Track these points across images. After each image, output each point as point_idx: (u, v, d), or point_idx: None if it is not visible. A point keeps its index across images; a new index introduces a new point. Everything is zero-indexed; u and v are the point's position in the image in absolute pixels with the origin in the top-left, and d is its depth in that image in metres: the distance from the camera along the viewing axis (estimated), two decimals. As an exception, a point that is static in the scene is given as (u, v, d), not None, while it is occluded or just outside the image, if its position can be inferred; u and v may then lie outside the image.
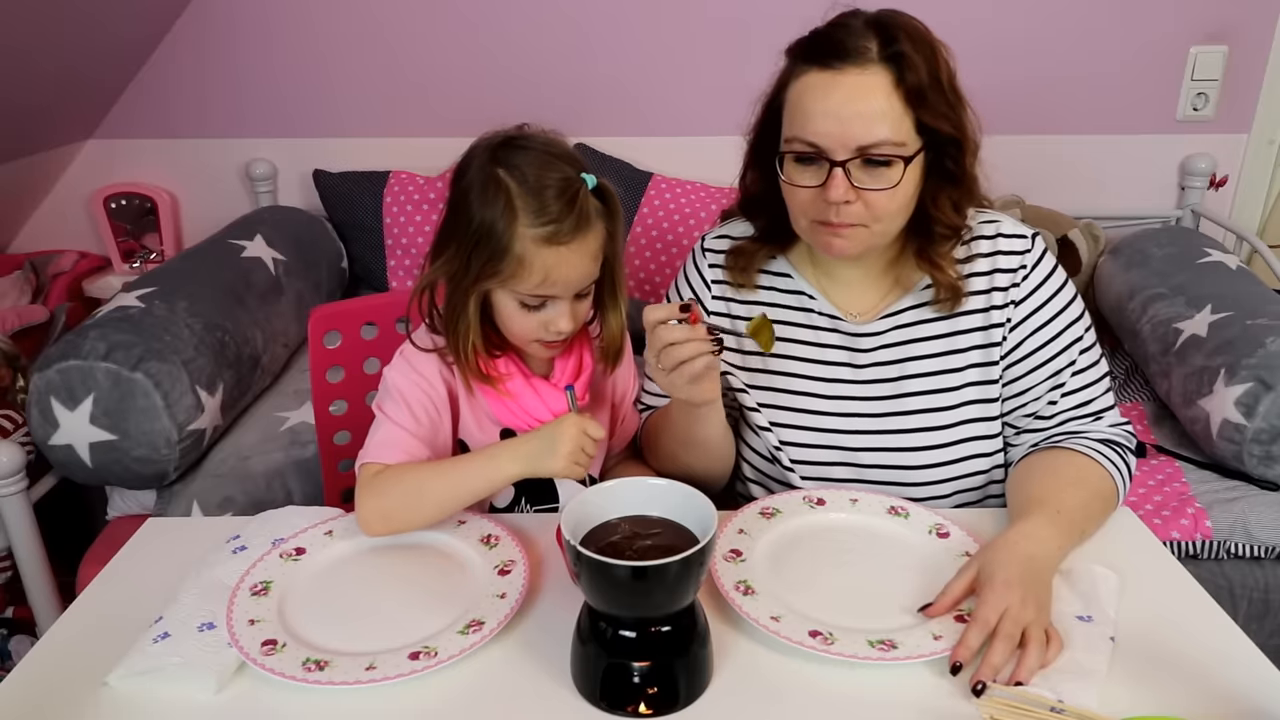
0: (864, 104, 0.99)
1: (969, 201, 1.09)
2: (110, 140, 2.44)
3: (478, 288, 1.02)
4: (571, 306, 1.03)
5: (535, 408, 1.11)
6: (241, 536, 1.03)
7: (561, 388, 1.11)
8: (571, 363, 1.14)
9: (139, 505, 1.75)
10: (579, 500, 0.83)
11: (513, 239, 0.98)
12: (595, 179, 1.01)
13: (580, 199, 0.99)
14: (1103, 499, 1.05)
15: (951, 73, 1.03)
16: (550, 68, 2.36)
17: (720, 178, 2.32)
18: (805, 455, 1.17)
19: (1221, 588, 1.60)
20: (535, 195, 0.97)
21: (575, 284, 1.02)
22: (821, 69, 1.00)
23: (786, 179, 1.05)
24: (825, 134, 1.00)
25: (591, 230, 1.00)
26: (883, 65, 0.99)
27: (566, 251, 0.98)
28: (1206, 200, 2.45)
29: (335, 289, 2.33)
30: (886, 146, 0.99)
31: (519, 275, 0.99)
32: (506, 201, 0.98)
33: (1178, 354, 1.83)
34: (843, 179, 1.00)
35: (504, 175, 0.98)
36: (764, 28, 2.32)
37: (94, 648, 0.87)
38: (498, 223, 0.98)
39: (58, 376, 1.55)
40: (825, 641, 0.85)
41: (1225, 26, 2.30)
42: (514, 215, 0.97)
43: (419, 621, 0.89)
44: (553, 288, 1.01)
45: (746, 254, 1.17)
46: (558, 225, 0.97)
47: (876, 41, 0.99)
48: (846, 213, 1.03)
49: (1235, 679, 0.82)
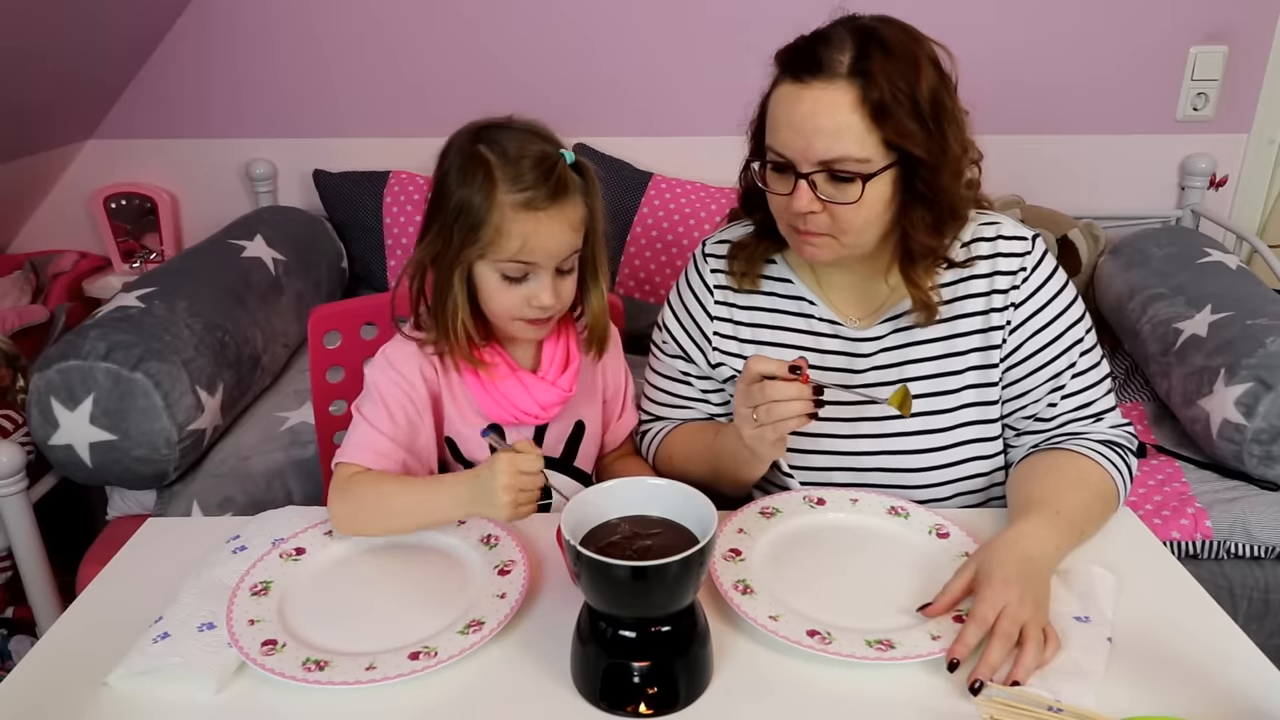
0: (825, 118, 0.98)
1: (950, 221, 1.07)
2: (110, 140, 2.45)
3: (461, 262, 1.03)
4: (554, 280, 1.04)
5: (521, 399, 1.11)
6: (241, 536, 1.03)
7: (551, 380, 1.11)
8: (559, 354, 1.15)
9: (139, 505, 1.75)
10: (579, 500, 0.83)
11: (491, 207, 1.00)
12: (574, 155, 1.04)
13: (558, 169, 1.01)
14: (1103, 500, 1.05)
15: (935, 89, 1.00)
16: (550, 67, 2.36)
17: (720, 178, 2.32)
18: (804, 461, 1.17)
19: (1221, 588, 1.60)
20: (513, 165, 1.00)
21: (555, 253, 1.03)
22: (792, 81, 1.00)
23: (763, 185, 1.06)
24: (790, 146, 1.00)
25: (570, 200, 1.02)
26: (848, 80, 0.97)
27: (544, 218, 1.00)
28: (1206, 200, 2.45)
29: (335, 289, 2.33)
30: (848, 163, 0.98)
31: (498, 243, 1.01)
32: (485, 173, 1.00)
33: (1178, 354, 1.83)
34: (807, 191, 1.00)
35: (483, 150, 1.01)
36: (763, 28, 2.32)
37: (94, 648, 0.87)
38: (476, 195, 1.00)
39: (58, 376, 1.55)
40: (823, 641, 0.85)
41: (1225, 26, 2.30)
42: (493, 184, 1.00)
43: (419, 621, 0.89)
44: (532, 254, 1.02)
45: (747, 249, 1.17)
46: (534, 191, 0.99)
47: (850, 54, 0.98)
48: (813, 222, 1.03)
49: (1235, 679, 0.82)
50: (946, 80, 1.02)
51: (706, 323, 1.20)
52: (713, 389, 1.23)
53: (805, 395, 0.97)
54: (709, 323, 1.20)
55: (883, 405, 1.13)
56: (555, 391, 1.13)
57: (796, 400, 0.96)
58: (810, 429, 1.15)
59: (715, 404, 1.24)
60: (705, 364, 1.21)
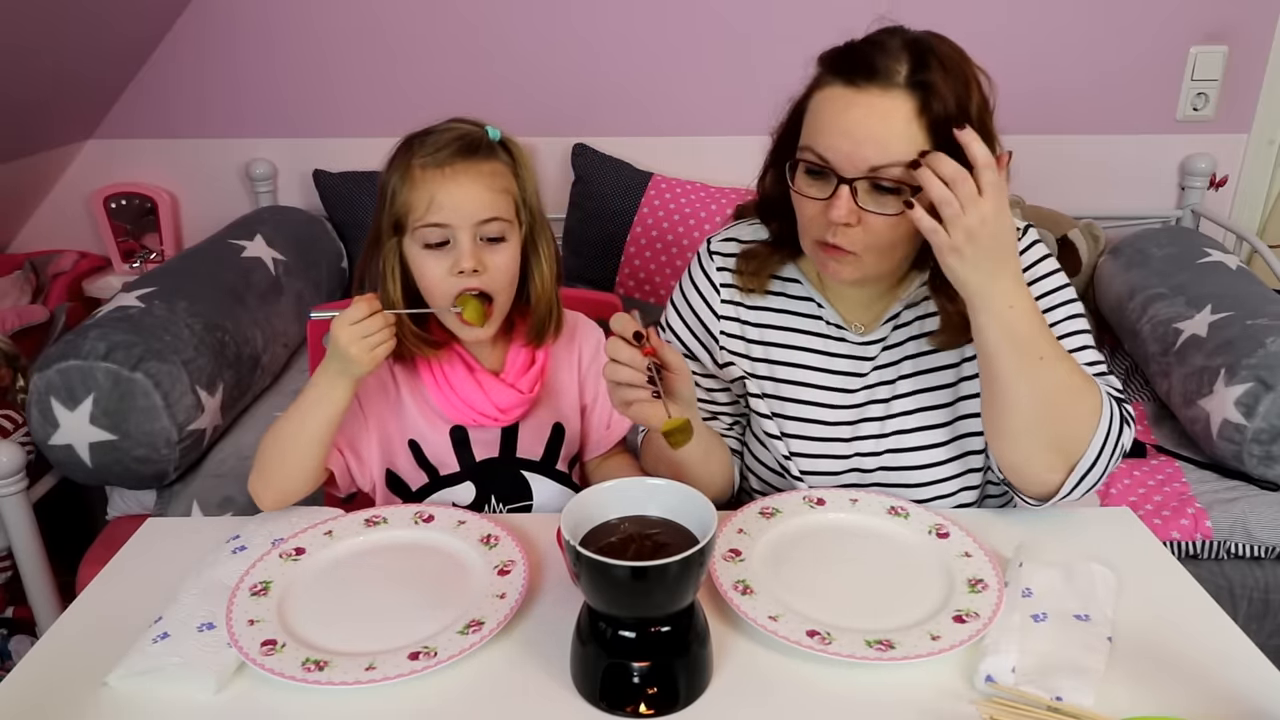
0: (881, 126, 0.95)
1: None
2: (110, 140, 2.45)
3: (389, 244, 1.07)
4: (474, 246, 1.05)
5: (479, 401, 1.12)
6: (241, 536, 1.03)
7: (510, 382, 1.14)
8: (522, 356, 1.16)
9: (139, 505, 1.75)
10: (579, 500, 0.83)
11: (404, 176, 1.04)
12: (500, 133, 1.08)
13: (471, 135, 1.05)
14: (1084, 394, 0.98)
15: (983, 105, 0.98)
16: (550, 67, 2.36)
17: (720, 178, 2.32)
18: (815, 465, 1.16)
19: (1221, 588, 1.60)
20: (434, 138, 1.05)
21: (469, 213, 1.04)
22: (845, 84, 0.97)
23: (795, 188, 1.02)
24: (836, 150, 0.97)
25: (484, 162, 1.05)
26: (908, 90, 0.95)
27: (451, 174, 1.03)
28: (1206, 200, 2.45)
29: (335, 289, 2.33)
30: (898, 170, 0.95)
31: (412, 207, 1.04)
32: (405, 151, 1.05)
33: (1178, 354, 1.83)
34: (848, 198, 0.97)
35: (411, 137, 1.07)
36: (764, 28, 2.33)
37: (94, 648, 0.87)
38: (394, 173, 1.05)
39: (58, 376, 1.55)
40: (823, 641, 0.85)
41: (1225, 26, 2.30)
42: (409, 157, 1.04)
43: (419, 621, 0.89)
44: (442, 212, 1.03)
45: (759, 258, 1.14)
46: (442, 152, 1.03)
47: (907, 65, 0.95)
48: (845, 236, 0.99)
49: (1235, 679, 0.82)
50: (987, 103, 1.00)
51: (713, 321, 1.19)
52: (718, 388, 1.22)
53: (637, 363, 0.94)
54: (715, 322, 1.19)
55: (883, 404, 1.13)
56: (514, 394, 1.13)
57: (626, 366, 0.94)
58: (818, 434, 1.15)
59: (721, 403, 1.23)
60: (712, 363, 1.20)
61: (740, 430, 1.25)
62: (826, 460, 1.16)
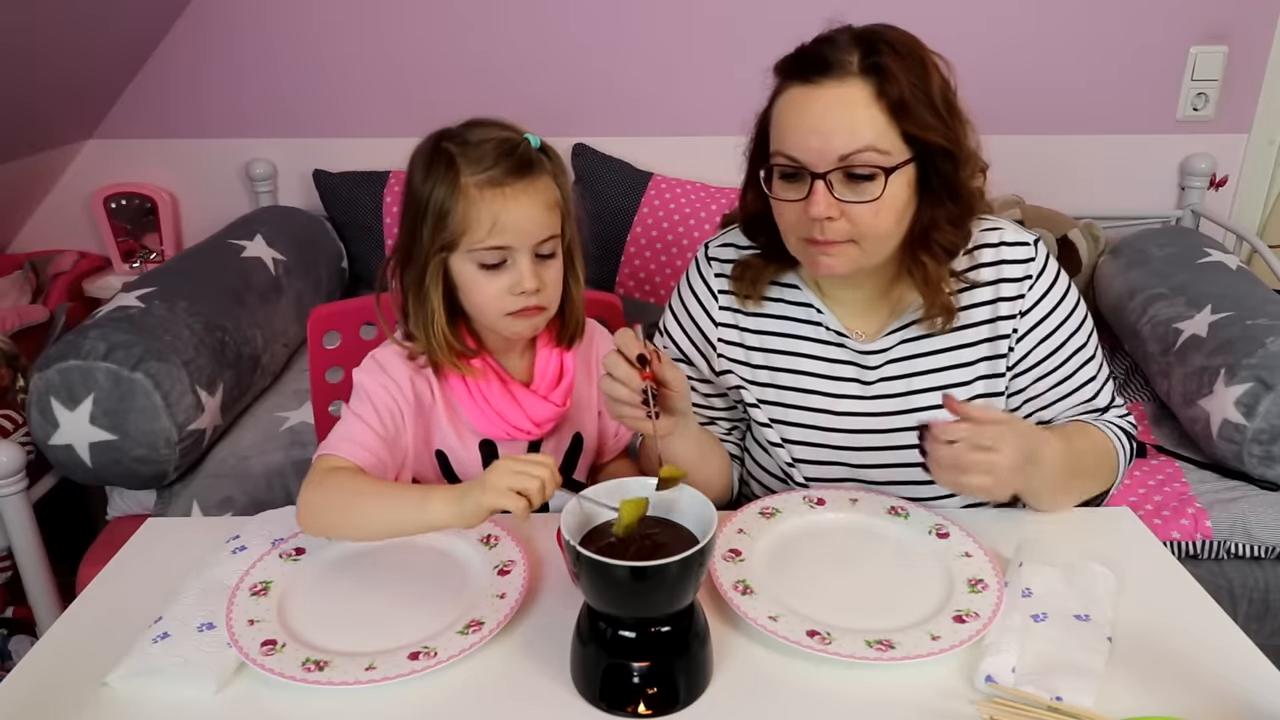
0: (844, 115, 0.97)
1: (969, 217, 1.06)
2: (110, 140, 2.45)
3: (435, 261, 1.03)
4: (534, 265, 1.03)
5: (513, 414, 1.10)
6: (241, 536, 1.03)
7: (544, 395, 1.10)
8: (552, 367, 1.14)
9: (139, 505, 1.75)
10: (579, 500, 0.83)
11: (457, 193, 1.00)
12: (539, 140, 1.04)
13: (521, 148, 1.02)
14: (1106, 462, 1.11)
15: (945, 85, 1.00)
16: (550, 67, 2.36)
17: (720, 178, 2.32)
18: (818, 473, 1.16)
19: (1221, 588, 1.60)
20: (475, 149, 1.01)
21: (529, 233, 1.02)
22: (802, 83, 0.99)
23: (773, 195, 1.04)
24: (805, 147, 0.98)
25: (538, 178, 1.02)
26: (862, 77, 0.97)
27: (512, 194, 1.00)
28: (1206, 200, 2.45)
29: (335, 289, 2.33)
30: (869, 153, 0.96)
31: (469, 229, 1.01)
32: (448, 164, 1.01)
33: (1178, 354, 1.83)
34: (824, 192, 0.98)
35: (445, 145, 1.02)
36: (762, 28, 2.33)
37: (94, 648, 0.87)
38: (440, 187, 1.01)
39: (58, 376, 1.55)
40: (823, 641, 0.85)
41: (1225, 26, 2.30)
42: (455, 171, 1.00)
43: (419, 621, 0.89)
44: (504, 235, 1.01)
45: (754, 269, 1.14)
46: (497, 169, 1.00)
47: (858, 54, 0.97)
48: (831, 229, 1.00)
49: (1235, 679, 0.82)
50: (948, 83, 1.01)
51: (711, 328, 1.18)
52: (715, 393, 1.22)
53: (633, 384, 0.94)
54: (713, 329, 1.18)
55: (889, 417, 1.13)
56: (549, 407, 1.12)
57: (622, 385, 0.94)
58: (821, 440, 1.15)
59: (719, 409, 1.23)
60: (708, 369, 1.20)
61: (739, 435, 1.25)
62: (830, 467, 1.16)
